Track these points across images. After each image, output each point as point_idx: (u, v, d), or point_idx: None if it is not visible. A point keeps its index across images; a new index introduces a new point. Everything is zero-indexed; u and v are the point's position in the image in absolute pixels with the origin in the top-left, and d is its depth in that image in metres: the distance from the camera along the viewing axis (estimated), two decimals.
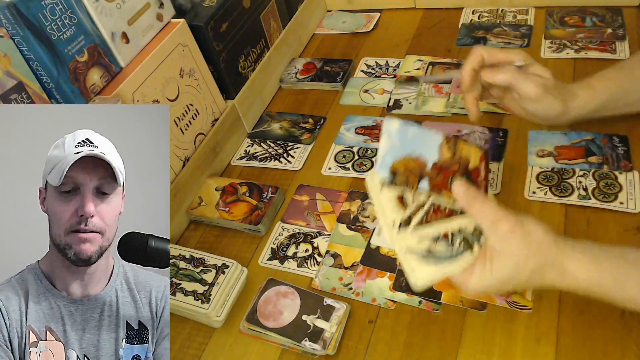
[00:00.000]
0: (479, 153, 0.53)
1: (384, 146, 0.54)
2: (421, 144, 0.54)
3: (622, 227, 0.64)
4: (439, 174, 0.53)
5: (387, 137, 0.54)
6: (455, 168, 0.53)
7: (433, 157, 0.53)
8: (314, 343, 0.60)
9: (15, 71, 0.57)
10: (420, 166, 0.54)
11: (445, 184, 0.53)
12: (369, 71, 0.99)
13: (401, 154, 0.54)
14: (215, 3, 0.83)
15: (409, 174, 0.54)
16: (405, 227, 0.53)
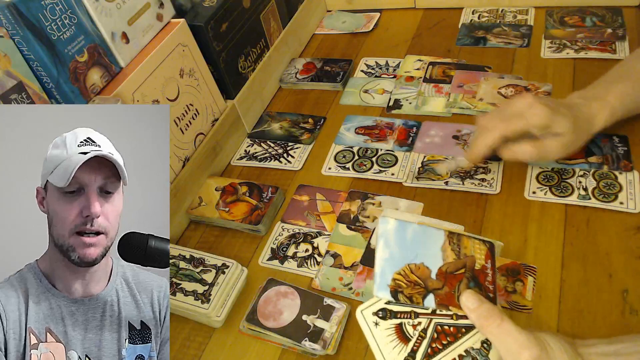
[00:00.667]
0: (484, 249, 0.49)
1: (381, 256, 0.48)
2: (422, 246, 0.48)
3: (622, 227, 0.64)
4: (444, 284, 0.48)
5: (383, 243, 0.48)
6: (462, 273, 0.48)
7: (437, 262, 0.48)
8: (314, 343, 0.60)
9: (15, 71, 0.57)
10: (424, 275, 0.48)
11: (452, 298, 0.47)
12: (369, 71, 0.99)
13: (401, 263, 0.48)
14: (215, 3, 0.83)
15: (413, 289, 0.47)
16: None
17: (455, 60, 0.95)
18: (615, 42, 0.89)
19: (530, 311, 0.59)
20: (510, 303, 0.60)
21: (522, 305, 0.60)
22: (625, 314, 0.57)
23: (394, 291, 0.47)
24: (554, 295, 0.60)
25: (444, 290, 0.48)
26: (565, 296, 0.60)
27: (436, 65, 0.95)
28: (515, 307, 0.60)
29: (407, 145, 0.81)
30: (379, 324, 0.48)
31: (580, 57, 0.88)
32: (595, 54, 0.88)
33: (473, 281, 0.48)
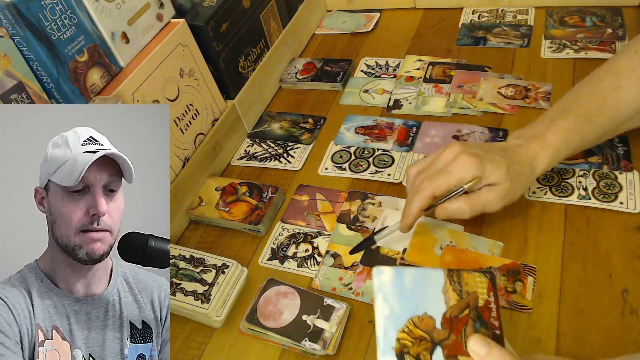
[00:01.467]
0: (485, 281, 0.47)
1: (381, 314, 0.45)
2: (423, 292, 0.46)
3: (622, 227, 0.64)
4: (451, 332, 0.45)
5: (382, 299, 0.45)
6: (467, 314, 0.46)
7: (440, 308, 0.45)
8: (314, 343, 0.60)
9: (15, 71, 0.57)
10: (428, 327, 0.45)
11: (460, 346, 0.45)
12: (369, 71, 0.99)
13: (404, 318, 0.45)
14: (215, 3, 0.83)
15: (419, 346, 0.44)
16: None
17: (455, 60, 0.95)
18: (615, 42, 0.89)
19: (530, 311, 0.59)
20: (510, 303, 0.60)
21: (522, 305, 0.60)
22: (625, 314, 0.57)
23: (400, 353, 0.44)
24: (554, 295, 0.60)
25: (451, 339, 0.45)
26: (565, 296, 0.60)
27: (436, 65, 0.95)
28: (515, 307, 0.60)
29: (407, 146, 0.81)
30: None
31: (580, 57, 0.88)
32: (595, 54, 0.88)
33: (479, 321, 0.46)
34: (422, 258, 0.66)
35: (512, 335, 0.57)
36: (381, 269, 0.45)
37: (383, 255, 0.68)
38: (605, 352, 0.54)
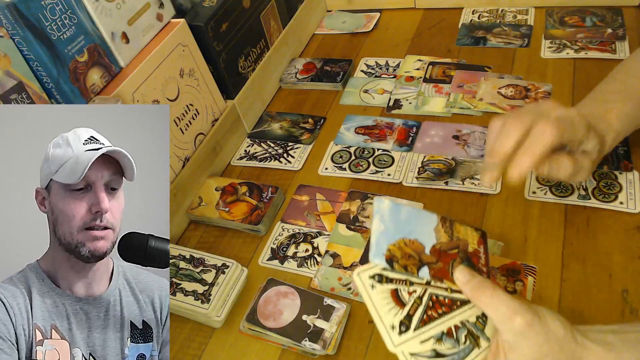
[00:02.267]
0: (476, 235, 0.50)
1: (377, 229, 0.48)
2: (416, 225, 0.49)
3: (622, 227, 0.64)
4: (438, 260, 0.49)
5: (379, 219, 0.49)
6: (455, 252, 0.50)
7: (430, 240, 0.49)
8: (314, 343, 0.60)
9: (15, 71, 0.57)
10: (417, 250, 0.49)
11: (446, 272, 0.49)
12: (369, 71, 0.99)
13: (395, 237, 0.49)
14: (215, 3, 0.83)
15: (407, 260, 0.48)
16: (406, 331, 0.48)
17: (455, 60, 0.95)
18: (615, 42, 0.89)
19: None
20: None
21: None
22: (625, 314, 0.57)
23: (389, 259, 0.48)
24: (554, 295, 0.60)
25: (438, 265, 0.49)
26: (565, 296, 0.60)
27: (436, 65, 0.95)
28: None
29: (407, 145, 0.81)
30: (375, 286, 0.49)
31: (580, 57, 0.88)
32: (595, 54, 0.88)
33: (467, 261, 0.49)
34: None
35: None
36: (382, 199, 0.49)
37: None
38: None
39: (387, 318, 0.48)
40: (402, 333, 0.48)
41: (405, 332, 0.48)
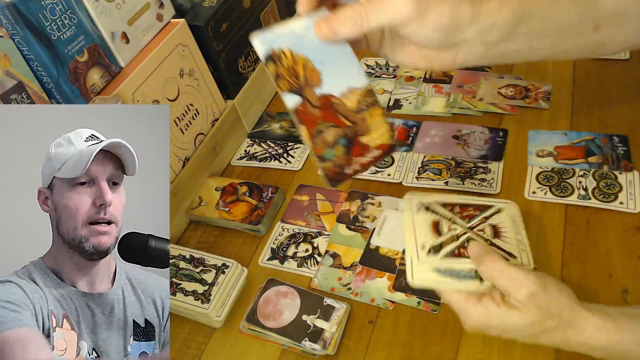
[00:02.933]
0: (386, 138, 0.45)
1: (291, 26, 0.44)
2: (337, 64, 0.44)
3: (622, 227, 0.64)
4: (320, 108, 0.43)
5: (303, 25, 0.44)
6: (345, 123, 0.43)
7: (333, 89, 0.43)
8: (314, 343, 0.60)
9: (15, 71, 0.57)
10: (308, 79, 0.43)
11: (313, 123, 0.43)
12: (369, 71, 0.99)
13: (302, 50, 0.43)
14: (215, 3, 0.83)
15: (287, 77, 0.43)
16: (435, 254, 0.50)
17: None
18: None
19: None
20: None
21: None
22: None
23: (273, 56, 0.43)
24: None
25: (315, 111, 0.43)
26: None
27: None
28: None
29: (407, 145, 0.81)
30: (420, 212, 0.53)
31: None
32: None
33: (346, 140, 0.44)
34: None
35: None
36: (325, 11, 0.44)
37: (382, 255, 0.68)
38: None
39: (420, 237, 0.50)
40: (429, 255, 0.50)
41: (433, 255, 0.50)
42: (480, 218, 0.55)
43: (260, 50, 0.43)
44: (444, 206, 0.55)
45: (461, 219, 0.54)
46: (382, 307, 0.63)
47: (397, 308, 0.63)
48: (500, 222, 0.54)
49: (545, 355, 0.55)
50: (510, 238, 0.53)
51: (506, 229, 0.54)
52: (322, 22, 0.44)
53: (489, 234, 0.53)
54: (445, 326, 0.60)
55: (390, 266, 0.66)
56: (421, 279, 0.51)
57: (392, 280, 0.65)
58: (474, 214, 0.55)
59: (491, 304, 0.48)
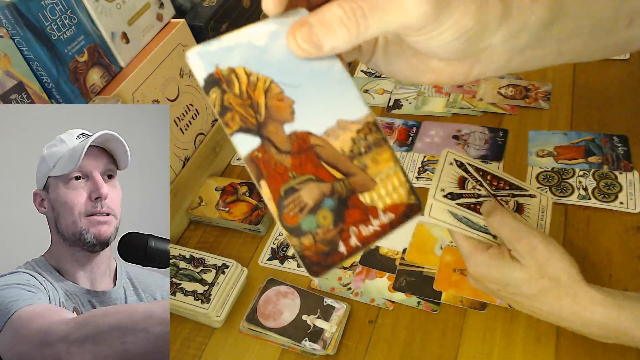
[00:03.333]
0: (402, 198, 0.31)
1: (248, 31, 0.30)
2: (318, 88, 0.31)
3: (622, 227, 0.64)
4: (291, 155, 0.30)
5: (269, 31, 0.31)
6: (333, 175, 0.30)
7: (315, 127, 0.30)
8: (314, 343, 0.60)
9: (15, 71, 0.57)
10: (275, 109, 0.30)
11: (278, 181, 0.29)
12: (369, 71, 0.99)
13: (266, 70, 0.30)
14: (215, 3, 0.83)
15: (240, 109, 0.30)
16: (452, 199, 0.51)
17: None
18: None
19: None
20: None
21: None
22: None
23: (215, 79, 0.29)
24: None
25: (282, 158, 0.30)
26: None
27: None
28: None
29: (407, 145, 0.81)
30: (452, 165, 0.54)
31: None
32: None
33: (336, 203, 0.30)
34: (422, 258, 0.66)
35: (512, 334, 0.57)
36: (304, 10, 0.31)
37: (382, 255, 0.68)
38: (605, 352, 0.54)
39: (443, 183, 0.51)
40: (446, 198, 0.51)
41: (450, 199, 0.51)
42: (509, 192, 0.56)
43: (199, 72, 0.29)
44: (477, 170, 0.56)
45: (488, 185, 0.55)
46: (382, 307, 0.63)
47: (397, 308, 0.63)
48: (528, 203, 0.55)
49: (546, 356, 0.55)
50: (531, 219, 0.54)
51: (531, 211, 0.55)
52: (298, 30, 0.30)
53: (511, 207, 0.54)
54: (445, 326, 0.60)
55: (390, 266, 0.66)
56: (436, 216, 0.52)
57: (392, 280, 0.65)
58: (503, 187, 0.56)
59: (497, 254, 0.49)
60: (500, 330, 0.58)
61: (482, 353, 0.57)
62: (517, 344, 0.57)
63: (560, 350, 0.55)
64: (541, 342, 0.56)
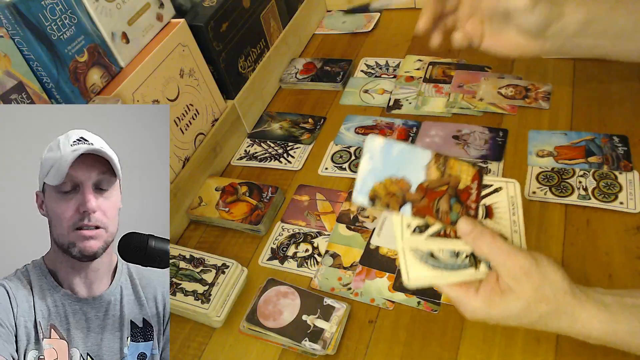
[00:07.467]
0: (472, 171, 0.49)
1: (364, 168, 0.49)
2: (406, 163, 0.49)
3: (622, 227, 0.64)
4: (423, 197, 0.49)
5: (368, 157, 0.49)
6: (444, 189, 0.49)
7: (419, 178, 0.49)
8: (314, 343, 0.60)
9: (15, 71, 0.57)
10: (403, 188, 0.49)
11: (430, 209, 0.49)
12: (369, 71, 0.99)
13: (383, 175, 0.49)
14: (215, 3, 0.83)
15: (390, 198, 0.49)
16: (419, 234, 0.51)
17: (455, 60, 0.95)
18: None
19: None
20: None
21: None
22: None
23: (372, 198, 0.49)
24: None
25: (423, 202, 0.49)
26: None
27: (436, 65, 0.95)
28: None
29: None
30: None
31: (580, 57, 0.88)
32: None
33: (455, 198, 0.49)
34: None
35: (512, 334, 0.57)
36: (374, 136, 0.49)
37: (382, 255, 0.68)
38: (606, 353, 0.54)
39: (407, 217, 0.50)
40: (414, 234, 0.51)
41: (418, 234, 0.51)
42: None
43: (364, 203, 0.48)
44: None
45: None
46: (382, 307, 0.63)
47: (397, 308, 0.63)
48: (496, 202, 0.53)
49: (546, 356, 0.55)
50: (504, 219, 0.53)
51: (501, 210, 0.53)
52: None
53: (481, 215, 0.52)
54: (445, 326, 0.60)
55: (390, 266, 0.66)
56: (417, 278, 0.51)
57: (392, 280, 0.65)
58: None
59: (489, 293, 0.48)
60: (500, 330, 0.58)
61: (482, 353, 0.57)
62: (517, 344, 0.57)
63: (560, 351, 0.55)
64: (541, 342, 0.56)
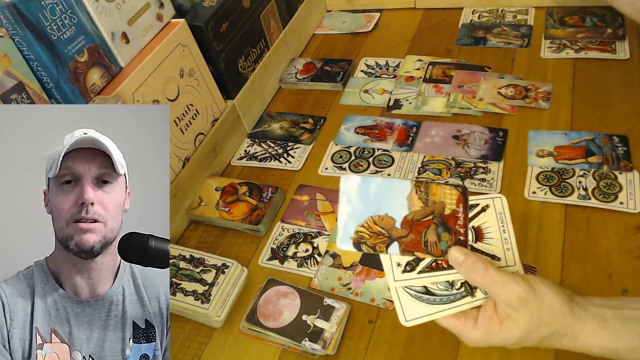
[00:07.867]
0: (456, 194, 0.48)
1: (343, 212, 0.47)
2: (387, 198, 0.48)
3: (622, 227, 0.64)
4: (409, 232, 0.48)
5: (345, 200, 0.48)
6: (429, 219, 0.48)
7: (402, 212, 0.47)
8: (314, 343, 0.60)
9: (15, 71, 0.57)
10: (387, 226, 0.47)
11: (418, 244, 0.47)
12: (369, 71, 0.99)
13: (364, 216, 0.47)
14: (215, 3, 0.83)
15: (376, 239, 0.47)
16: (410, 271, 0.49)
17: (455, 60, 0.95)
18: (615, 42, 0.89)
19: None
20: None
21: None
22: None
23: (357, 243, 0.47)
24: None
25: (409, 237, 0.47)
26: None
27: (436, 65, 0.95)
28: None
29: (407, 145, 0.81)
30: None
31: (580, 57, 0.88)
32: (595, 54, 0.88)
33: (442, 226, 0.48)
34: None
35: None
36: (349, 176, 0.48)
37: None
38: None
39: (395, 257, 0.49)
40: (406, 272, 0.49)
41: (409, 272, 0.49)
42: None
43: (349, 249, 0.47)
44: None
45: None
46: (382, 307, 0.63)
47: None
48: (485, 222, 0.52)
49: (545, 357, 0.55)
50: (494, 239, 0.52)
51: (490, 228, 0.52)
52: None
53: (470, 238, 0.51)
54: None
55: None
56: (414, 319, 0.50)
57: None
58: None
59: (488, 323, 0.47)
60: None
61: (481, 353, 0.57)
62: None
63: (560, 350, 0.55)
64: None
